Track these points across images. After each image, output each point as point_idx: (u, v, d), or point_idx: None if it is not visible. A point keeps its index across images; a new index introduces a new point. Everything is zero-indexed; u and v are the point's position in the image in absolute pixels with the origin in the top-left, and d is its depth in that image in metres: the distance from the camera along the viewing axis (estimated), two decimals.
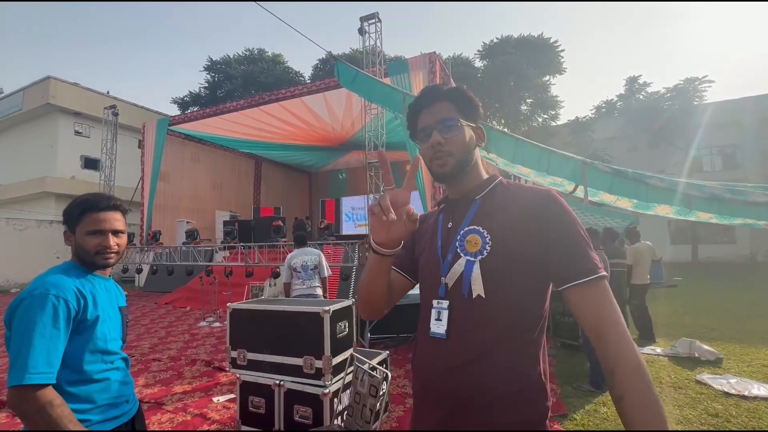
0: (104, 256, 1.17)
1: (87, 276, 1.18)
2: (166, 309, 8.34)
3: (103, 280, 1.23)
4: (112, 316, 1.21)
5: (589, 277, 0.76)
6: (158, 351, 4.95)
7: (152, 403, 3.32)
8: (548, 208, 0.81)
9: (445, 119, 0.88)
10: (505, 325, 0.78)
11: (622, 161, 16.14)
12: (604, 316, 0.74)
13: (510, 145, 3.84)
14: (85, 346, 1.09)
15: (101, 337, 1.13)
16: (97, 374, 1.12)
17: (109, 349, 1.16)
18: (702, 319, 6.37)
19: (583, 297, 0.76)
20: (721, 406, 3.09)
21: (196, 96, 21.93)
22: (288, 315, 2.52)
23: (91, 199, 1.19)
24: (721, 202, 3.30)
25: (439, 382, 0.81)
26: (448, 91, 0.91)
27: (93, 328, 1.11)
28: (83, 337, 1.09)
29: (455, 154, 0.87)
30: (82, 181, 16.28)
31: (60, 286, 1.07)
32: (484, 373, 0.76)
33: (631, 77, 19.22)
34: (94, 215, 1.16)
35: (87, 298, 1.11)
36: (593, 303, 0.75)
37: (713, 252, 17.25)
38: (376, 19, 7.57)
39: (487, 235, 0.82)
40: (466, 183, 0.91)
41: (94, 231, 1.16)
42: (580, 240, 0.79)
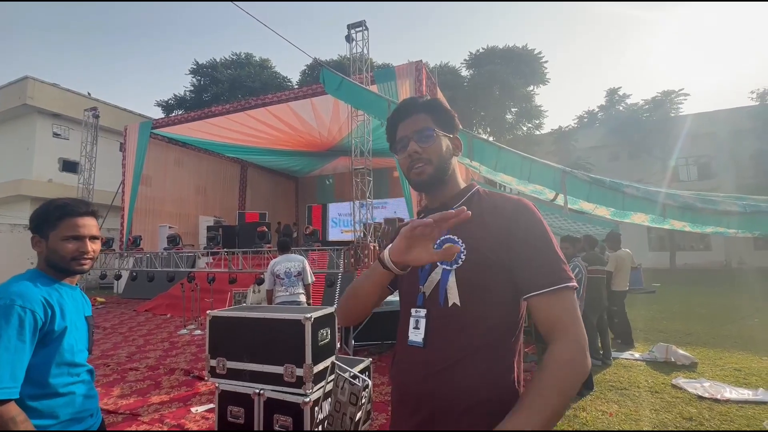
0: (80, 261, 1.15)
1: (54, 285, 1.14)
2: (146, 316, 8.11)
3: (70, 289, 1.20)
4: (79, 326, 1.17)
5: (549, 288, 0.76)
6: (136, 360, 4.81)
7: (127, 414, 3.22)
8: (517, 219, 0.83)
9: (422, 129, 0.90)
10: (480, 333, 0.80)
11: (603, 170, 16.58)
12: (556, 322, 0.75)
13: (493, 153, 3.91)
14: (51, 359, 1.06)
15: (68, 348, 1.09)
16: (62, 388, 1.08)
17: (75, 361, 1.12)
18: (678, 324, 6.55)
19: (540, 305, 0.77)
20: (695, 410, 3.17)
21: (181, 99, 21.62)
22: (269, 322, 2.49)
23: (70, 203, 1.16)
24: (694, 210, 3.42)
25: (416, 389, 0.82)
26: (425, 103, 0.94)
27: (60, 340, 1.08)
28: (49, 349, 1.06)
29: (433, 162, 0.89)
30: (59, 185, 15.80)
31: (26, 296, 1.03)
32: (460, 380, 0.77)
33: (612, 89, 19.86)
34: (73, 220, 1.14)
35: (54, 308, 1.07)
36: (549, 309, 0.76)
37: (690, 259, 17.81)
38: (363, 27, 7.63)
39: (462, 244, 0.83)
40: (444, 192, 0.93)
41: (71, 236, 1.13)
42: (544, 250, 0.80)
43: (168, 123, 11.76)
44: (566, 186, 3.62)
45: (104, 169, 13.74)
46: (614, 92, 19.78)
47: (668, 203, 3.46)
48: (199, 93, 21.42)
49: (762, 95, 17.40)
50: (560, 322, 0.75)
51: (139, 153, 11.55)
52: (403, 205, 9.42)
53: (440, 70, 19.37)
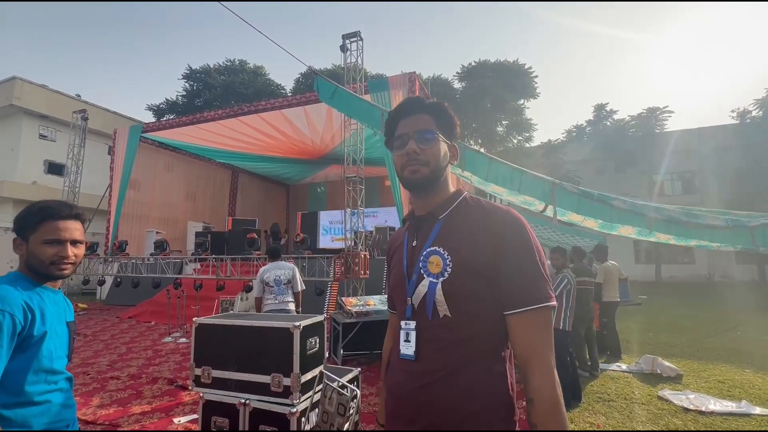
0: (60, 266, 1.11)
1: (35, 288, 1.11)
2: (129, 323, 7.91)
3: (52, 293, 1.17)
4: (59, 332, 1.13)
5: (528, 307, 0.77)
6: (117, 368, 4.67)
7: (106, 425, 3.11)
8: (504, 233, 0.82)
9: (424, 130, 0.89)
10: (471, 344, 0.80)
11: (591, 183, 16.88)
12: (534, 347, 0.77)
13: (484, 164, 3.96)
14: (28, 365, 1.02)
15: (47, 355, 1.06)
16: (38, 396, 1.04)
17: (54, 368, 1.08)
18: (664, 336, 6.63)
19: (518, 325, 0.78)
20: (681, 422, 3.20)
21: (173, 104, 21.47)
22: (257, 330, 2.45)
23: (52, 206, 1.13)
24: (679, 224, 3.50)
25: (411, 402, 0.82)
26: (430, 104, 0.92)
27: (39, 346, 1.04)
28: (27, 354, 1.02)
29: (429, 164, 0.88)
30: (44, 187, 15.46)
31: (6, 299, 0.99)
32: (454, 392, 0.77)
33: (599, 104, 20.34)
34: (54, 223, 1.10)
35: (35, 312, 1.04)
36: (526, 332, 0.78)
37: (675, 272, 18.13)
38: (357, 38, 7.71)
39: (447, 256, 0.82)
40: (432, 199, 0.91)
41: (51, 240, 1.09)
42: (528, 267, 0.79)
43: (159, 127, 11.65)
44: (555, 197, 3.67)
45: (91, 173, 13.52)
46: (602, 108, 20.26)
47: (654, 216, 3.53)
48: (192, 98, 21.31)
49: (742, 114, 18.00)
50: (532, 346, 0.78)
51: (128, 157, 11.39)
52: (394, 213, 9.44)
53: (433, 81, 19.65)
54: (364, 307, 4.98)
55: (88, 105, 16.34)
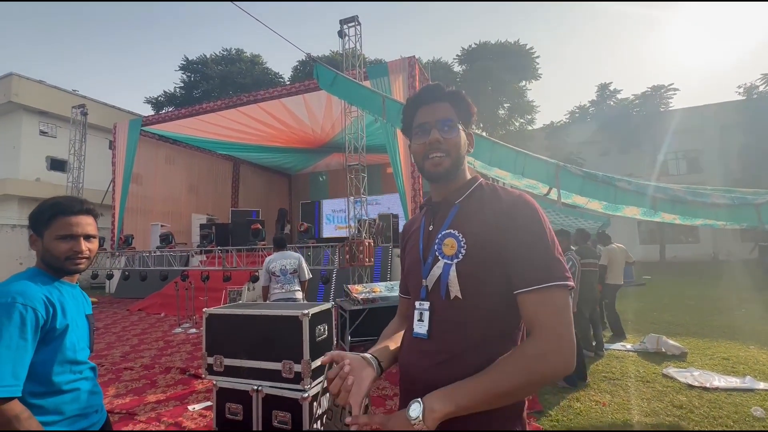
0: (75, 261, 1.13)
1: (54, 283, 1.13)
2: (139, 316, 8.04)
3: (70, 287, 1.19)
4: (80, 324, 1.17)
5: (536, 286, 0.76)
6: (130, 359, 4.77)
7: (123, 413, 3.20)
8: (514, 214, 0.82)
9: (446, 119, 0.89)
10: (483, 325, 0.81)
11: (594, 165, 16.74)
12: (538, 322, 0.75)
13: (487, 148, 3.92)
14: (53, 357, 1.05)
15: (70, 347, 1.09)
16: (66, 385, 1.08)
17: (77, 359, 1.12)
18: (668, 315, 6.68)
19: (526, 304, 0.77)
20: (685, 398, 3.25)
21: (171, 96, 21.34)
22: (266, 319, 2.49)
23: (63, 202, 1.14)
24: (684, 203, 3.47)
25: (422, 379, 0.84)
26: (450, 93, 0.92)
27: (62, 338, 1.07)
28: (51, 347, 1.05)
29: (451, 154, 0.89)
30: (47, 183, 15.53)
31: (27, 295, 1.02)
32: (464, 370, 0.78)
33: (602, 84, 20.05)
34: (66, 219, 1.12)
35: (56, 306, 1.07)
36: (531, 310, 0.76)
37: (679, 251, 18.12)
38: (355, 23, 7.58)
39: (462, 238, 0.84)
40: (450, 185, 0.92)
41: (64, 235, 1.11)
42: (537, 246, 0.79)
43: (158, 120, 11.60)
44: (560, 180, 3.65)
45: (93, 168, 13.55)
46: (605, 87, 19.96)
47: (659, 196, 3.50)
48: (190, 89, 21.15)
49: (749, 90, 17.68)
50: (539, 319, 0.75)
51: (129, 151, 11.38)
52: (397, 200, 9.42)
53: (433, 65, 19.36)
54: (370, 294, 5.03)
55: (87, 99, 16.24)
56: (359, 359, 0.85)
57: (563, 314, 0.75)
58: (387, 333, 1.04)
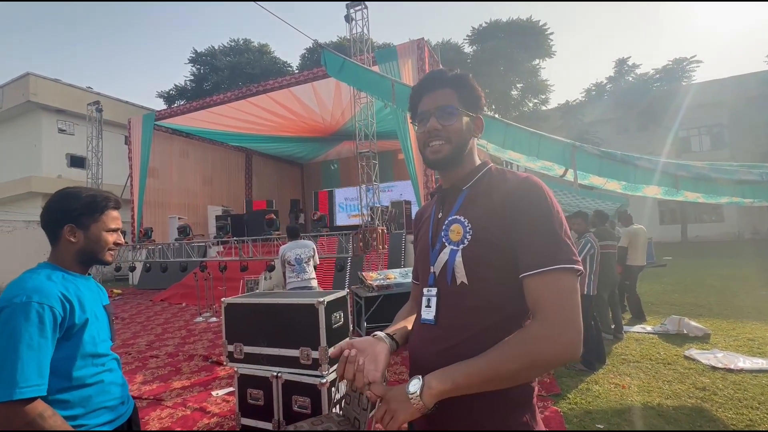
0: (112, 252, 1.21)
1: (69, 277, 1.13)
2: (162, 306, 8.31)
3: (85, 279, 1.19)
4: (99, 316, 1.17)
5: (539, 269, 0.74)
6: (155, 348, 4.95)
7: (151, 399, 3.34)
8: (520, 197, 0.81)
9: (445, 106, 0.88)
10: (487, 311, 0.81)
11: (612, 143, 16.25)
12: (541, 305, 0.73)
13: (500, 130, 3.83)
14: (74, 352, 1.06)
15: (90, 340, 1.09)
16: (90, 378, 1.09)
17: (99, 351, 1.12)
18: (690, 296, 6.52)
19: (530, 287, 0.76)
20: (708, 380, 3.19)
21: (182, 89, 21.50)
22: (283, 307, 2.53)
23: (111, 197, 1.21)
24: (708, 181, 3.34)
25: (429, 365, 0.83)
26: (452, 77, 0.91)
27: (81, 333, 1.07)
28: (72, 342, 1.06)
29: (451, 141, 0.88)
30: (68, 180, 15.97)
31: (43, 292, 1.01)
32: (470, 355, 0.78)
33: (620, 59, 19.24)
34: (114, 213, 1.21)
35: (73, 301, 1.07)
36: (536, 293, 0.75)
37: (702, 231, 17.59)
38: (362, 6, 7.43)
39: (468, 224, 0.84)
40: (457, 172, 0.92)
41: (115, 228, 1.20)
42: (542, 229, 0.77)
43: (170, 114, 11.73)
44: (576, 161, 3.55)
45: (111, 163, 13.85)
46: (623, 62, 19.17)
47: (681, 174, 3.38)
48: (200, 82, 21.26)
49: None
50: (543, 303, 0.73)
51: (145, 145, 11.59)
52: (409, 187, 9.36)
53: (443, 47, 18.89)
54: (384, 281, 5.05)
55: (101, 96, 16.52)
56: (367, 339, 0.87)
57: (569, 297, 0.73)
58: (400, 315, 1.05)
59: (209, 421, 2.86)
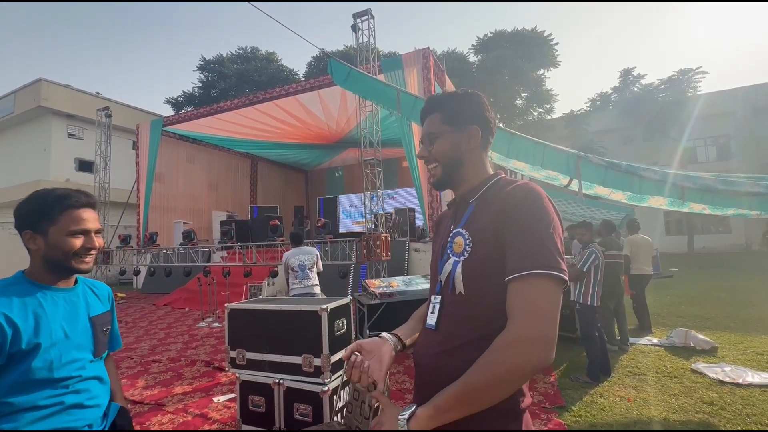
0: (84, 258, 1.03)
1: (36, 293, 1.01)
2: (165, 310, 8.32)
3: (64, 292, 1.07)
4: (73, 334, 1.04)
5: (522, 272, 0.74)
6: (158, 352, 4.95)
7: (153, 404, 3.33)
8: (514, 201, 0.82)
9: (429, 133, 0.96)
10: (484, 321, 0.82)
11: (617, 154, 16.20)
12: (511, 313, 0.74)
13: (505, 139, 3.84)
14: (19, 379, 0.94)
15: (43, 366, 0.96)
16: (42, 401, 0.96)
17: (55, 376, 0.98)
18: (697, 308, 6.44)
19: (509, 293, 0.76)
20: (716, 394, 3.13)
21: (190, 96, 21.78)
22: (286, 314, 2.53)
23: (71, 194, 1.04)
24: (714, 192, 3.32)
25: (427, 366, 0.90)
26: (437, 101, 0.98)
27: (30, 358, 0.95)
28: (19, 368, 0.94)
29: (440, 162, 0.94)
30: (76, 184, 16.13)
31: None
32: (461, 364, 0.80)
33: (625, 69, 19.29)
34: (76, 213, 1.02)
35: (18, 325, 0.94)
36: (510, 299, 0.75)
37: (709, 242, 17.39)
38: (369, 16, 7.52)
39: (468, 237, 0.87)
40: (463, 186, 0.96)
41: (76, 231, 1.01)
42: (530, 234, 0.77)
43: (178, 120, 11.87)
44: (581, 171, 3.54)
45: (119, 168, 13.99)
46: (628, 72, 19.20)
47: (687, 185, 3.36)
48: (208, 89, 21.53)
49: None
50: (514, 309, 0.73)
51: (152, 150, 11.71)
52: (413, 194, 9.37)
53: (448, 56, 19.05)
54: (387, 288, 5.04)
55: (110, 102, 16.77)
56: (374, 341, 0.93)
57: (539, 302, 0.72)
58: (415, 315, 1.08)
59: (210, 428, 2.85)
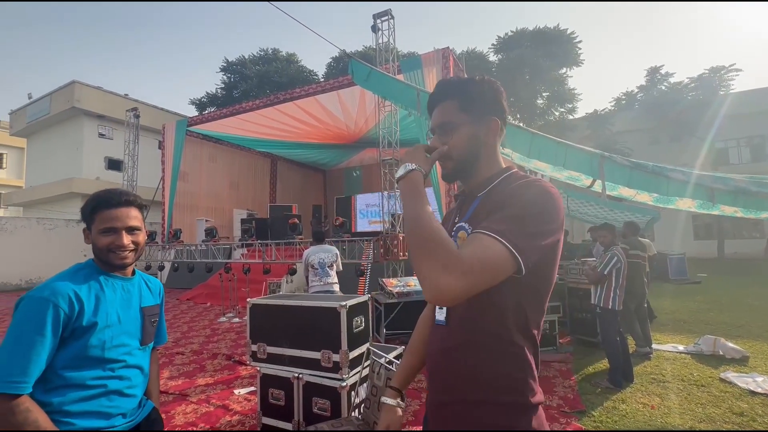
0: (118, 255, 1.10)
1: (99, 277, 1.11)
2: (188, 305, 8.59)
3: (122, 281, 1.16)
4: (125, 320, 1.12)
5: (487, 232, 0.73)
6: (181, 345, 5.12)
7: (177, 394, 3.45)
8: (519, 191, 0.81)
9: (444, 123, 0.89)
10: (492, 317, 0.82)
11: (643, 154, 15.67)
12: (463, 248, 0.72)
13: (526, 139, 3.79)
14: (76, 353, 1.02)
15: (97, 344, 1.04)
16: (90, 380, 1.04)
17: (106, 356, 1.06)
18: (727, 316, 6.18)
19: (469, 238, 0.76)
20: (747, 405, 3.01)
21: (213, 97, 22.33)
22: (306, 310, 2.58)
23: (102, 195, 1.11)
24: (747, 195, 3.18)
25: (437, 361, 0.90)
26: (454, 86, 0.90)
27: (88, 335, 1.03)
28: (78, 343, 1.02)
29: (453, 156, 0.89)
30: (106, 182, 16.83)
31: (55, 290, 1.00)
32: (467, 360, 0.82)
33: (653, 67, 18.58)
34: (106, 212, 1.09)
35: (84, 303, 1.03)
36: (470, 240, 0.74)
37: (740, 247, 16.61)
38: (389, 16, 7.55)
39: (471, 230, 0.85)
40: (474, 179, 0.92)
41: (106, 229, 1.09)
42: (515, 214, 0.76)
43: (202, 120, 12.20)
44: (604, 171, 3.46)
45: (145, 166, 14.51)
46: (656, 71, 18.51)
47: (718, 187, 3.23)
48: (230, 90, 22.02)
49: None
50: (465, 246, 0.73)
51: (177, 150, 12.08)
52: (430, 194, 9.34)
53: (467, 56, 18.88)
54: (404, 288, 5.05)
55: (138, 103, 17.40)
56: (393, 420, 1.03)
57: (483, 251, 0.70)
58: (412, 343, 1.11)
59: (231, 419, 2.94)
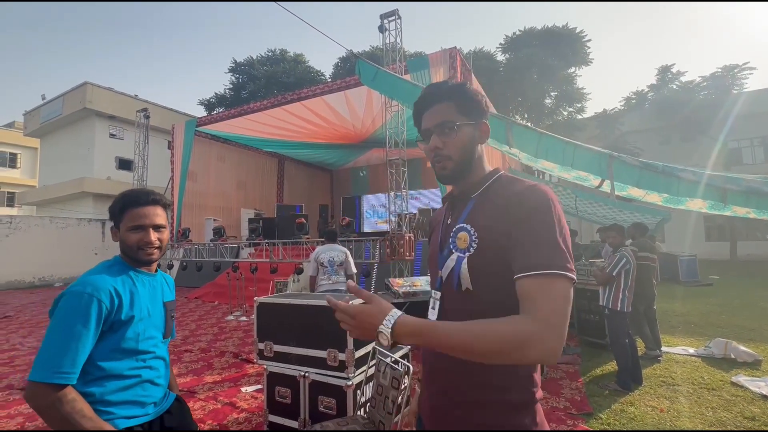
0: (146, 251, 1.18)
1: (130, 272, 1.18)
2: (196, 303, 8.68)
3: (149, 276, 1.23)
4: (153, 313, 1.20)
5: (532, 272, 0.73)
6: (189, 343, 5.18)
7: (185, 391, 3.49)
8: (525, 201, 0.81)
9: (444, 122, 0.90)
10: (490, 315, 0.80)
11: (653, 155, 15.47)
12: (528, 303, 0.72)
13: (533, 139, 3.77)
14: (116, 345, 1.09)
15: (133, 336, 1.12)
16: (127, 371, 1.11)
17: (139, 348, 1.14)
18: (739, 319, 6.07)
19: (525, 287, 0.74)
20: (759, 410, 2.96)
21: (222, 97, 22.55)
22: (312, 309, 2.60)
23: (131, 194, 1.19)
24: (760, 195, 3.13)
25: (432, 363, 0.91)
26: (449, 90, 0.92)
27: (125, 328, 1.11)
28: (115, 335, 1.09)
29: (453, 157, 0.90)
30: (116, 182, 17.11)
31: (96, 285, 1.06)
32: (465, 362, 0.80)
33: (664, 66, 18.34)
34: (135, 211, 1.17)
35: (122, 297, 1.11)
36: (532, 291, 0.73)
37: (754, 249, 16.30)
38: (396, 16, 7.56)
39: (474, 232, 0.85)
40: (466, 181, 0.93)
41: (135, 226, 1.16)
42: (543, 233, 0.76)
43: (210, 120, 12.32)
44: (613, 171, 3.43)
45: (155, 166, 14.71)
46: (667, 70, 18.26)
47: (730, 188, 3.18)
48: (238, 90, 22.22)
49: None
50: (535, 302, 0.71)
51: (186, 150, 12.21)
52: (437, 195, 9.34)
53: (475, 55, 18.80)
54: (411, 288, 5.04)
55: (148, 103, 17.64)
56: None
57: (561, 304, 0.71)
58: None
59: (238, 416, 2.97)
